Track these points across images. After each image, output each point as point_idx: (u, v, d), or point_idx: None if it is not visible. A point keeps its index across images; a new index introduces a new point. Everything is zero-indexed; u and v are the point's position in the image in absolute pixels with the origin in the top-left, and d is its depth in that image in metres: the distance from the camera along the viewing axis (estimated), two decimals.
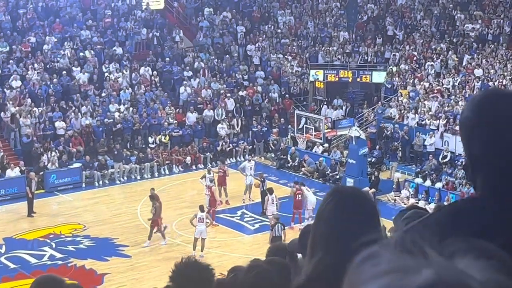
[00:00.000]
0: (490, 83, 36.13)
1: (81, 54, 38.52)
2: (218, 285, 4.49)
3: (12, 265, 24.47)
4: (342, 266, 2.41)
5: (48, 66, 36.98)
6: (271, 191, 27.65)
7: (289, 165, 35.07)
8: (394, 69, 40.25)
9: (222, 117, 37.46)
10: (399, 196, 30.80)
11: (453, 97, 36.25)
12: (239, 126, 37.75)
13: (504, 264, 1.09)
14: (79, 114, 34.82)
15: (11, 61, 36.54)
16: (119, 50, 39.43)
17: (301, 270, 2.77)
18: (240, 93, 39.19)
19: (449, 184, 30.53)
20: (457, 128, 33.46)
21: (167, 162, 34.70)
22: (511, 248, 1.21)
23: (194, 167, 34.95)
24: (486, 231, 1.77)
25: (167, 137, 35.59)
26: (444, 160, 32.85)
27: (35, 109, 34.18)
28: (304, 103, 40.77)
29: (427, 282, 0.99)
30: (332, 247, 2.48)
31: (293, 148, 35.59)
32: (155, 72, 38.98)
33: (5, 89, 34.84)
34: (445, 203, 26.26)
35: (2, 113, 33.87)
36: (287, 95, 40.29)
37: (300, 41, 44.08)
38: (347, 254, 2.41)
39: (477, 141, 2.00)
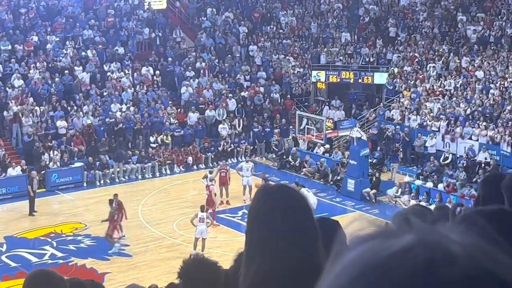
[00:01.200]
0: (492, 85, 36.19)
1: (83, 53, 38.56)
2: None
3: (13, 264, 24.50)
4: (283, 271, 2.40)
5: (50, 65, 37.02)
6: None
7: (290, 165, 35.10)
8: (396, 70, 40.27)
9: (223, 117, 37.49)
10: (399, 198, 30.81)
11: (454, 98, 36.27)
12: (240, 127, 37.77)
13: (484, 230, 1.11)
14: (81, 113, 34.86)
15: (12, 60, 36.60)
16: (121, 50, 39.48)
17: None
18: (242, 93, 39.22)
19: (450, 186, 30.54)
20: (458, 130, 33.64)
21: (168, 162, 34.73)
22: None
23: (195, 167, 34.99)
24: None
25: (169, 138, 35.58)
26: (445, 162, 32.86)
27: (37, 108, 34.23)
28: (306, 104, 40.79)
29: (408, 244, 1.04)
30: (270, 251, 2.40)
31: (294, 148, 35.60)
32: (157, 72, 39.02)
33: (7, 88, 34.89)
34: (447, 204, 26.29)
35: (5, 112, 33.91)
36: (288, 96, 40.32)
37: (302, 42, 44.10)
38: (286, 258, 2.41)
39: None
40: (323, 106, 40.25)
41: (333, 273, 1.07)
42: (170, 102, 37.82)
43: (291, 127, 38.30)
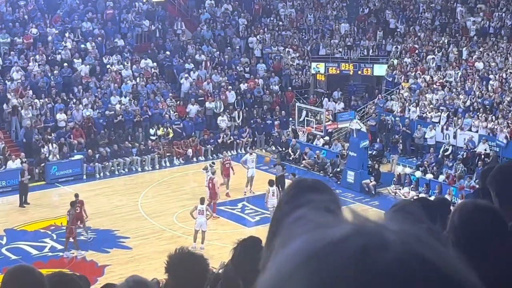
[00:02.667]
0: (491, 76, 36.16)
1: (82, 46, 38.50)
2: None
3: (13, 257, 24.51)
4: None
5: (49, 58, 36.98)
6: (271, 183, 27.55)
7: (290, 158, 35.11)
8: (395, 62, 40.24)
9: (220, 109, 37.44)
10: (400, 189, 30.85)
11: (454, 90, 36.24)
12: (240, 119, 37.76)
13: (418, 218, 1.15)
14: (80, 106, 34.82)
15: (12, 52, 36.56)
16: (120, 42, 39.42)
17: None
18: (241, 85, 39.20)
19: (450, 177, 30.55)
20: (459, 122, 33.61)
21: (168, 154, 34.72)
22: None
23: (195, 159, 34.99)
24: None
25: (170, 131, 35.43)
26: (445, 154, 32.85)
27: (36, 101, 34.19)
28: (305, 95, 40.78)
29: (345, 233, 1.10)
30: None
31: (293, 140, 35.61)
32: (155, 64, 38.97)
33: (6, 81, 34.86)
34: (447, 196, 26.30)
35: (5, 105, 33.88)
36: (288, 88, 40.30)
37: (301, 33, 44.06)
38: None
39: None
40: (322, 98, 40.23)
41: (274, 265, 1.12)
42: (170, 95, 37.80)
43: (290, 119, 38.28)
